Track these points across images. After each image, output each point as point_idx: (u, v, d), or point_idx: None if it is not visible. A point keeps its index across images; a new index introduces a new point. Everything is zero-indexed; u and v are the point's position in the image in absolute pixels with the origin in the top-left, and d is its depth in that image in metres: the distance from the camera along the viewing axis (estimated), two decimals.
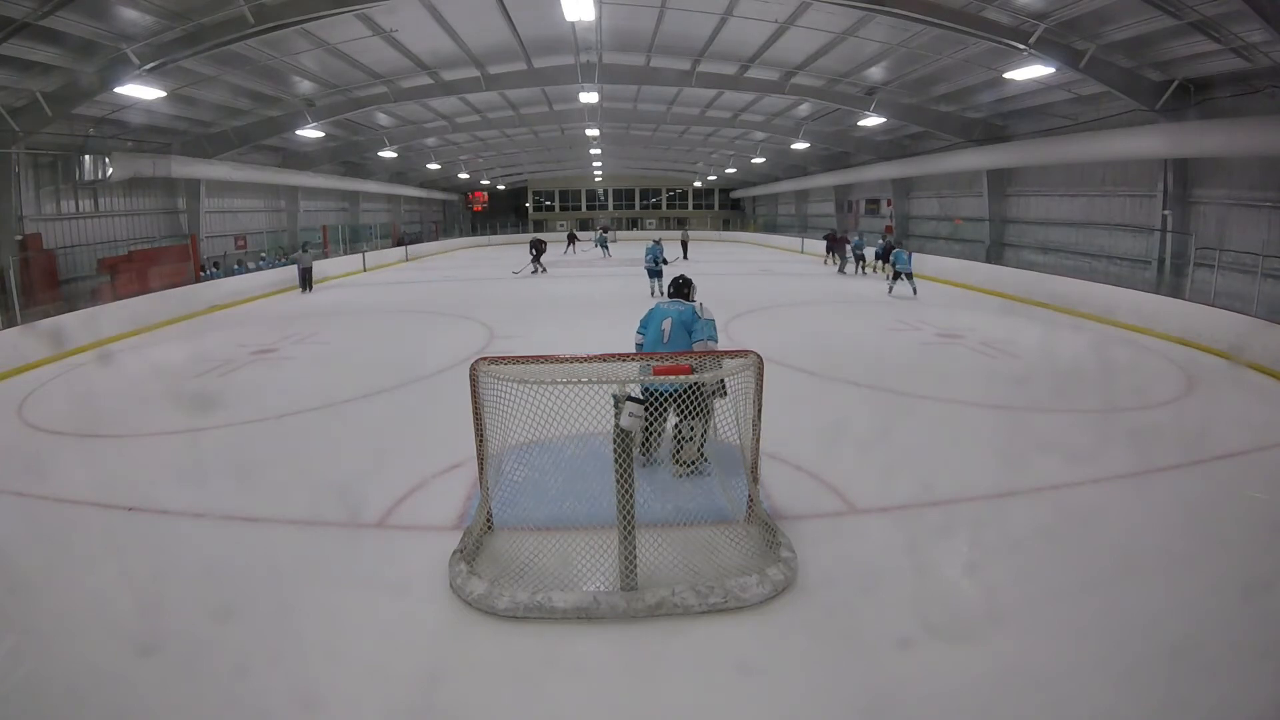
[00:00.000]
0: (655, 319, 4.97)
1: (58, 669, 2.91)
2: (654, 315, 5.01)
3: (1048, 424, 6.15)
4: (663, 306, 5.02)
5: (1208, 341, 9.18)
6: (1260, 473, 5.05)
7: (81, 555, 4.01)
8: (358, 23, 11.15)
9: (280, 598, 3.44)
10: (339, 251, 23.68)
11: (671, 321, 4.83)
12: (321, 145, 20.22)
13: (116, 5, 9.13)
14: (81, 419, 6.66)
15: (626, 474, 3.23)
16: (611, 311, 13.04)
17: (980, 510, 4.43)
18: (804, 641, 3.08)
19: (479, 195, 41.86)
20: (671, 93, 18.44)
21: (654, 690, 2.82)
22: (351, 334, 11.33)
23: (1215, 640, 3.03)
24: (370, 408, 6.92)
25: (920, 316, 11.87)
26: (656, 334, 4.87)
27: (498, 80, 15.37)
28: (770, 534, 3.74)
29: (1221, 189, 11.30)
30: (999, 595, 3.44)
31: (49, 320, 10.30)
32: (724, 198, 43.07)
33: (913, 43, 12.02)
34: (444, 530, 4.06)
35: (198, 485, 4.83)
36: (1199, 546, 3.96)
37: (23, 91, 10.74)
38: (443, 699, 2.76)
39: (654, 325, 4.94)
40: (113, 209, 15.03)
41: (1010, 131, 15.88)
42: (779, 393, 5.62)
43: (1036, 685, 2.76)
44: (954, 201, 19.84)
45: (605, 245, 28.45)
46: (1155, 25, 9.40)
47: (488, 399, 3.57)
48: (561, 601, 3.21)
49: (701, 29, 12.76)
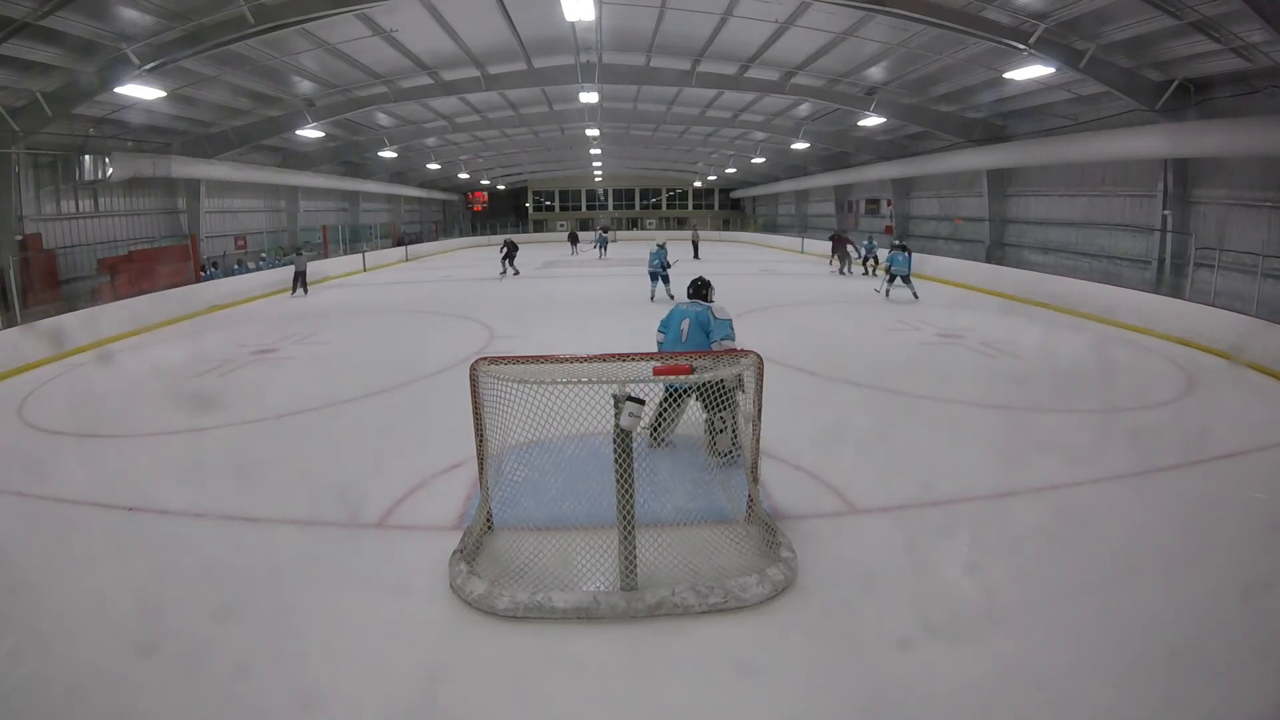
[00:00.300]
0: (674, 320, 5.24)
1: (58, 669, 2.91)
2: (673, 316, 5.29)
3: (1048, 424, 6.15)
4: (681, 308, 5.29)
5: (1208, 341, 9.17)
6: (1260, 473, 5.04)
7: (81, 555, 4.00)
8: (358, 23, 11.15)
9: (280, 598, 3.44)
10: (339, 251, 23.68)
11: (689, 322, 5.10)
12: (321, 145, 20.23)
13: (116, 5, 9.14)
14: (81, 419, 6.66)
15: (626, 474, 3.23)
16: (612, 312, 13.08)
17: (980, 510, 4.43)
18: (804, 641, 3.08)
19: (479, 195, 41.87)
20: (671, 93, 18.44)
21: (654, 690, 2.82)
22: (351, 334, 11.33)
23: (1215, 640, 3.03)
24: (370, 408, 6.92)
25: (920, 316, 11.87)
26: (676, 334, 5.15)
27: (498, 80, 15.38)
28: (770, 534, 3.74)
29: (1221, 189, 11.30)
30: (999, 595, 3.44)
31: (49, 320, 10.30)
32: (724, 198, 43.08)
33: (913, 43, 12.03)
34: (444, 530, 4.06)
35: (198, 485, 4.83)
36: (1199, 546, 3.96)
37: (23, 91, 10.74)
38: (443, 699, 2.76)
39: (673, 326, 5.22)
40: (113, 209, 15.04)
41: (1010, 131, 15.89)
42: (779, 393, 5.62)
43: (1036, 685, 2.76)
44: (954, 201, 19.84)
45: (604, 246, 27.95)
46: (1155, 25, 9.40)
47: (488, 399, 3.57)
48: (561, 601, 3.21)
49: (701, 29, 12.77)
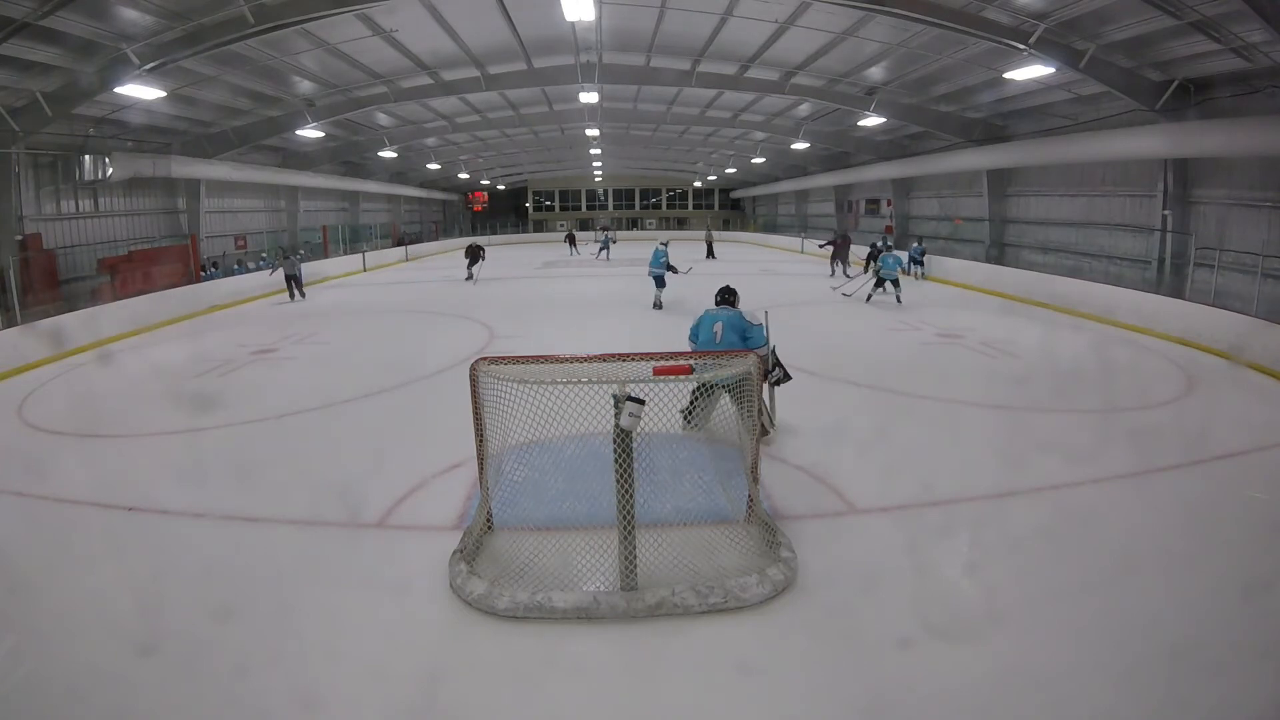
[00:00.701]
0: (706, 323, 5.29)
1: (58, 669, 2.91)
2: (704, 320, 5.33)
3: (1048, 424, 6.15)
4: (711, 313, 5.36)
5: (1208, 341, 9.18)
6: (1260, 473, 5.05)
7: (81, 555, 4.01)
8: (358, 23, 11.15)
9: (280, 598, 3.44)
10: (339, 251, 23.68)
11: (723, 325, 5.17)
12: (321, 145, 20.22)
13: (116, 5, 9.13)
14: (81, 419, 6.66)
15: (626, 474, 3.23)
16: (612, 312, 13.07)
17: (980, 510, 4.43)
18: (804, 641, 3.08)
19: (479, 195, 41.86)
20: (671, 93, 18.43)
21: (654, 690, 2.82)
22: (351, 334, 11.33)
23: (1215, 640, 3.04)
24: (370, 408, 6.92)
25: (920, 316, 11.87)
26: (709, 336, 5.19)
27: (498, 80, 15.38)
28: (770, 534, 3.74)
29: (1221, 189, 11.30)
30: (999, 595, 3.44)
31: (49, 320, 10.31)
32: (724, 198, 43.06)
33: (913, 43, 12.02)
34: (444, 530, 4.06)
35: (198, 485, 4.83)
36: (1199, 546, 3.96)
37: (23, 91, 10.74)
38: (443, 699, 2.76)
39: (705, 329, 5.26)
40: (113, 209, 15.04)
41: (1010, 131, 15.88)
42: (779, 392, 5.65)
43: (1036, 685, 2.76)
44: (954, 201, 19.83)
45: (607, 247, 26.35)
46: (1155, 25, 9.39)
47: (488, 399, 3.57)
48: (561, 601, 3.21)
49: (701, 29, 12.76)
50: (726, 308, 5.40)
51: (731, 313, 5.28)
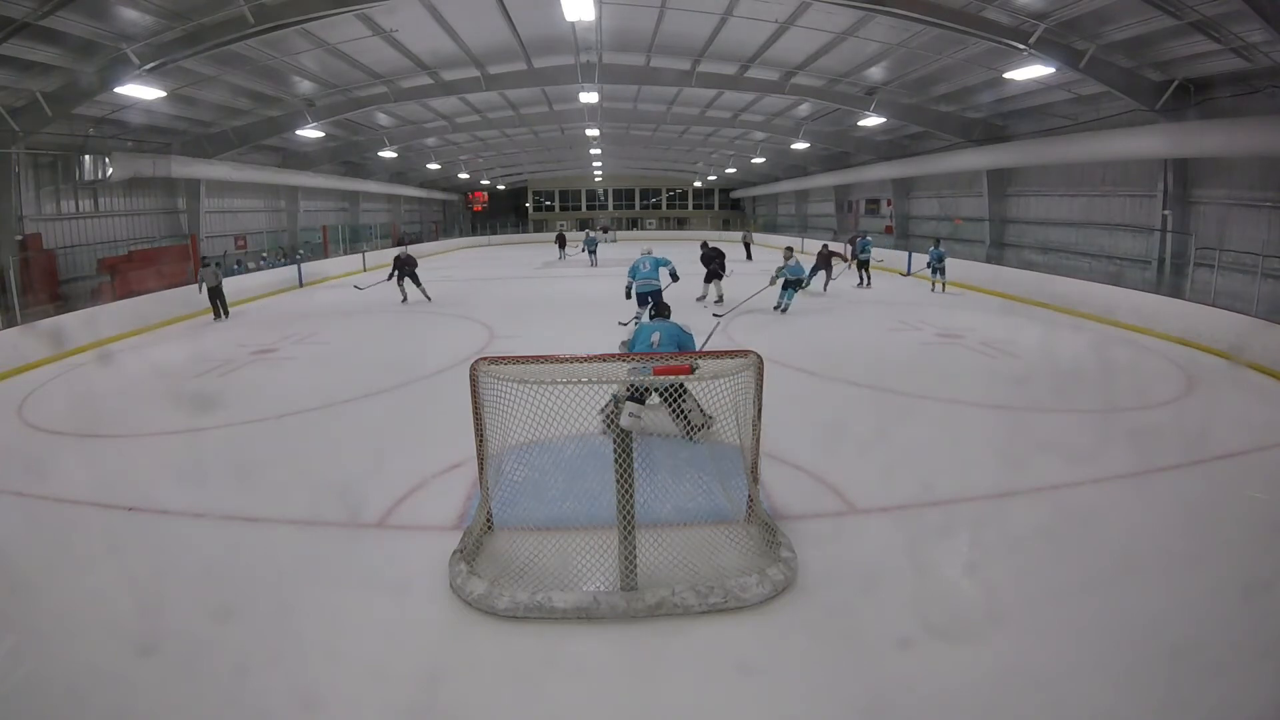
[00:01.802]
0: (643, 334, 5.55)
1: (58, 669, 2.91)
2: (641, 333, 5.63)
3: (1048, 424, 6.15)
4: (649, 325, 5.68)
5: (1208, 341, 9.17)
6: (1260, 473, 5.05)
7: (81, 555, 4.00)
8: (358, 23, 11.14)
9: (280, 598, 3.44)
10: (339, 251, 23.65)
11: (660, 335, 5.43)
12: (321, 145, 20.21)
13: (116, 5, 9.13)
14: (81, 419, 6.66)
15: (626, 474, 3.23)
16: (612, 312, 13.05)
17: (980, 510, 4.43)
18: (804, 641, 3.08)
19: (479, 195, 41.83)
20: (671, 93, 18.42)
21: (654, 690, 2.82)
22: (351, 334, 11.32)
23: (1215, 640, 3.04)
24: (370, 408, 6.92)
25: (920, 316, 11.87)
26: (645, 347, 5.41)
27: (498, 80, 15.37)
28: (770, 534, 3.74)
29: (1221, 189, 11.29)
30: (999, 595, 3.44)
31: (49, 320, 10.31)
32: (724, 198, 43.03)
33: (913, 43, 12.02)
34: (444, 530, 4.06)
35: (198, 485, 4.83)
36: (1199, 546, 3.96)
37: (23, 91, 10.73)
38: (443, 699, 2.76)
39: (642, 341, 5.48)
40: (113, 209, 15.03)
41: (1010, 131, 15.88)
42: (779, 393, 5.62)
43: (1036, 685, 2.76)
44: (954, 201, 19.83)
45: (593, 249, 23.04)
46: (1155, 25, 9.39)
47: (488, 399, 3.56)
48: (561, 601, 3.21)
49: (701, 29, 12.76)
50: (662, 319, 5.78)
51: (668, 323, 5.64)
